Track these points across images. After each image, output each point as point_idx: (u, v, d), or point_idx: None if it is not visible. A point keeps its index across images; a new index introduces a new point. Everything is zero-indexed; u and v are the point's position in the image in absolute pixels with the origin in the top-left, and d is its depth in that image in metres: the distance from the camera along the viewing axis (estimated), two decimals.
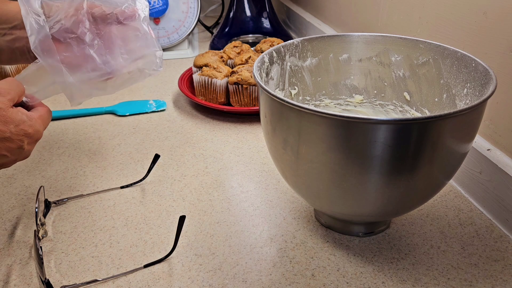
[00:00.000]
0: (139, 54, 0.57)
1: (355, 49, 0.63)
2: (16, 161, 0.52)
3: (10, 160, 0.50)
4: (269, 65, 0.58)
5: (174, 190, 0.66)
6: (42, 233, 0.57)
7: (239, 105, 0.86)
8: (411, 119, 0.43)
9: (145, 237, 0.57)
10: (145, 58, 0.57)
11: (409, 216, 0.60)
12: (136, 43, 0.56)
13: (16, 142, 0.49)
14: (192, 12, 1.16)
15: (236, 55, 0.96)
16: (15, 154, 0.50)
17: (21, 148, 0.50)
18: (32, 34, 0.51)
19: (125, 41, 0.56)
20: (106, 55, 0.55)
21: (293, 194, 0.64)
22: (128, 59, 0.56)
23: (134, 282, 0.51)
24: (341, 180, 0.46)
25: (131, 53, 0.56)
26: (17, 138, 0.49)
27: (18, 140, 0.49)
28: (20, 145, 0.49)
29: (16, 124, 0.48)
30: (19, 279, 0.51)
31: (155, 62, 0.58)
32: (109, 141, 0.79)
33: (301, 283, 0.50)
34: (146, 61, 0.58)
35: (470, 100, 0.53)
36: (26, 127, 0.49)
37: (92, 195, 0.65)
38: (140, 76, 0.58)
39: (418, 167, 0.45)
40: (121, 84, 0.59)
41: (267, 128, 0.51)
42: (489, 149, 0.60)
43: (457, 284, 0.50)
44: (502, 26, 0.56)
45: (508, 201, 0.56)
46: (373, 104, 0.65)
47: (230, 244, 0.56)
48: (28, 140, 0.50)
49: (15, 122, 0.48)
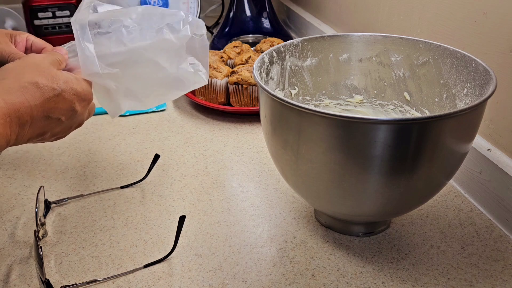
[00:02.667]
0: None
1: (355, 49, 0.63)
2: (71, 129, 0.52)
3: (65, 126, 0.51)
4: (269, 65, 0.58)
5: (174, 190, 0.66)
6: (42, 233, 0.57)
7: (239, 105, 0.86)
8: (411, 119, 0.43)
9: (145, 237, 0.57)
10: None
11: (409, 216, 0.60)
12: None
13: (67, 101, 0.48)
14: (192, 12, 1.16)
15: (236, 55, 0.96)
16: (69, 118, 0.50)
17: (73, 110, 0.50)
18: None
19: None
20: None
21: (293, 194, 0.64)
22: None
23: (134, 282, 0.51)
24: (341, 180, 0.46)
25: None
26: (68, 96, 0.48)
27: (69, 99, 0.49)
28: (71, 105, 0.49)
29: (64, 81, 0.48)
30: (19, 279, 0.51)
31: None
32: (109, 141, 0.79)
33: (301, 283, 0.50)
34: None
35: (470, 100, 0.53)
36: (75, 85, 0.49)
37: (92, 195, 0.65)
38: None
39: (418, 167, 0.45)
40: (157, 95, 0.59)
41: (267, 128, 0.51)
42: (489, 149, 0.60)
43: (457, 284, 0.50)
44: (502, 26, 0.56)
45: (508, 201, 0.56)
46: (373, 104, 0.65)
47: (230, 244, 0.56)
48: (78, 99, 0.50)
49: (63, 78, 0.48)
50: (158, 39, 0.55)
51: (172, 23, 0.56)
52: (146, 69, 0.56)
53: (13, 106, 0.44)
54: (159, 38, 0.56)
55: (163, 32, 0.56)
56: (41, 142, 0.52)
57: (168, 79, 0.58)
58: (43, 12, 1.17)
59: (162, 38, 0.56)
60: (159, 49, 0.56)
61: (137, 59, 0.55)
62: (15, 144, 0.46)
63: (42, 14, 1.17)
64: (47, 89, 0.46)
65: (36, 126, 0.47)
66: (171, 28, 0.56)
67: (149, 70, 0.56)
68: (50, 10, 1.18)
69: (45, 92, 0.46)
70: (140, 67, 0.56)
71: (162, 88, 0.59)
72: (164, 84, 0.58)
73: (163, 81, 0.58)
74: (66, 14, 1.19)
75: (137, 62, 0.55)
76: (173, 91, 0.60)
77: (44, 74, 0.47)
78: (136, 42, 0.55)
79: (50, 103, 0.47)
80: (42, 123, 0.47)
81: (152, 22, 0.56)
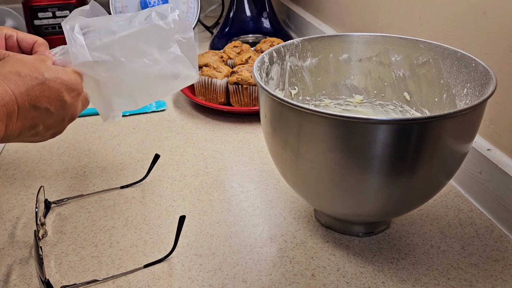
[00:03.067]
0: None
1: (355, 49, 0.63)
2: (65, 122, 0.52)
3: (57, 118, 0.50)
4: (269, 65, 0.58)
5: (174, 190, 0.66)
6: (42, 233, 0.57)
7: (239, 105, 0.86)
8: (411, 119, 0.43)
9: (145, 237, 0.57)
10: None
11: (409, 216, 0.60)
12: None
13: (54, 90, 0.48)
14: (192, 12, 1.16)
15: (236, 55, 0.96)
16: (58, 108, 0.49)
17: (62, 100, 0.49)
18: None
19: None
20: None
21: (293, 194, 0.64)
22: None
23: (134, 282, 0.51)
24: (341, 180, 0.46)
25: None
26: (54, 85, 0.48)
27: (55, 87, 0.48)
28: (59, 95, 0.49)
29: (47, 70, 0.48)
30: (19, 279, 0.51)
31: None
32: (109, 141, 0.79)
33: (301, 283, 0.50)
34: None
35: (470, 100, 0.53)
36: (60, 74, 0.49)
37: (92, 195, 0.65)
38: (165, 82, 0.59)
39: (418, 167, 0.45)
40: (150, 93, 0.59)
41: (267, 128, 0.51)
42: (489, 149, 0.60)
43: (457, 284, 0.50)
44: (502, 26, 0.56)
45: (508, 201, 0.56)
46: (373, 104, 0.65)
47: (230, 244, 0.56)
48: (66, 89, 0.50)
49: (46, 68, 0.48)
50: (147, 25, 0.56)
51: (160, 11, 0.57)
52: (137, 60, 0.56)
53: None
54: (148, 24, 0.56)
55: (151, 18, 0.56)
56: (37, 137, 0.51)
57: (160, 72, 0.57)
58: (43, 12, 1.17)
59: (151, 24, 0.56)
60: (149, 35, 0.56)
61: (128, 48, 0.55)
62: (7, 137, 0.46)
63: (42, 14, 1.17)
64: (29, 78, 0.46)
65: (24, 116, 0.47)
66: (159, 14, 0.56)
67: (140, 61, 0.56)
68: (50, 10, 1.18)
69: (27, 81, 0.46)
70: (130, 57, 0.56)
71: (154, 83, 0.59)
72: (156, 78, 0.58)
73: (155, 74, 0.57)
74: (66, 14, 1.19)
75: (127, 51, 0.55)
76: (165, 87, 0.60)
77: (26, 65, 0.47)
78: (125, 30, 0.55)
79: (35, 92, 0.46)
80: (30, 114, 0.47)
81: (139, 17, 0.57)
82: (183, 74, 0.59)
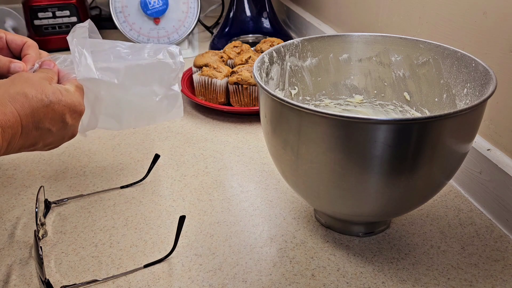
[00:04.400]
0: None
1: (355, 49, 0.63)
2: (64, 140, 0.53)
3: (57, 137, 0.51)
4: (269, 65, 0.58)
5: (174, 190, 0.66)
6: (42, 233, 0.57)
7: (239, 105, 0.86)
8: (411, 119, 0.43)
9: (145, 237, 0.57)
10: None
11: (409, 216, 0.60)
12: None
13: (57, 112, 0.49)
14: (192, 12, 1.16)
15: (236, 55, 0.96)
16: (60, 129, 0.50)
17: (64, 122, 0.50)
18: None
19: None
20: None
21: (293, 194, 0.64)
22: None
23: (134, 282, 0.51)
24: (341, 180, 0.46)
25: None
26: (58, 108, 0.49)
27: (59, 110, 0.49)
28: (61, 117, 0.50)
29: (53, 92, 0.49)
30: (19, 279, 0.51)
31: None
32: (109, 141, 0.79)
33: (301, 283, 0.50)
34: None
35: (470, 100, 0.53)
36: (65, 96, 0.50)
37: (92, 195, 0.65)
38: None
39: (418, 167, 0.45)
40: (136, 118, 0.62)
41: (267, 128, 0.51)
42: (489, 149, 0.60)
43: (457, 284, 0.50)
44: (502, 26, 0.56)
45: (508, 201, 0.56)
46: (373, 104, 0.65)
47: (230, 244, 0.56)
48: (69, 111, 0.50)
49: (52, 90, 0.49)
50: (157, 61, 0.59)
51: (171, 50, 0.60)
52: (139, 88, 0.59)
53: (3, 117, 0.44)
54: (158, 59, 0.59)
55: (162, 55, 0.59)
56: (33, 151, 0.52)
57: (155, 104, 0.61)
58: (43, 12, 1.17)
59: (161, 60, 0.59)
60: (156, 69, 0.59)
61: (134, 76, 0.58)
62: (5, 153, 0.47)
63: (42, 14, 1.17)
64: (35, 100, 0.47)
65: (26, 136, 0.48)
66: (169, 53, 0.60)
67: (142, 89, 0.59)
68: (50, 10, 1.18)
69: (33, 103, 0.47)
70: (134, 84, 0.58)
71: (144, 112, 0.62)
72: (149, 108, 0.61)
73: (149, 104, 0.60)
74: (66, 14, 1.19)
75: (132, 79, 0.58)
76: (151, 118, 0.63)
77: (34, 86, 0.48)
78: (135, 58, 0.58)
79: (39, 114, 0.47)
80: (32, 134, 0.48)
81: (148, 49, 0.60)
82: (173, 111, 0.63)
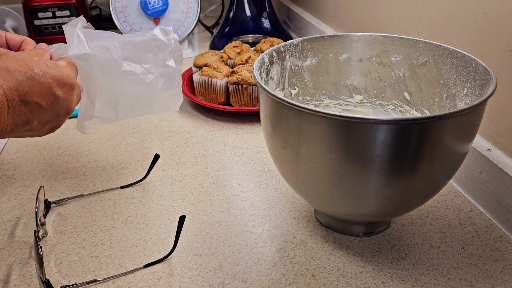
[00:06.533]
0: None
1: (355, 49, 0.63)
2: (60, 117, 0.51)
3: (51, 113, 0.50)
4: (269, 65, 0.58)
5: (174, 190, 0.66)
6: (42, 233, 0.57)
7: (239, 105, 0.86)
8: (411, 119, 0.43)
9: (145, 237, 0.57)
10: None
11: (409, 216, 0.60)
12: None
13: (44, 85, 0.48)
14: (192, 12, 1.16)
15: (236, 55, 0.96)
16: (51, 104, 0.49)
17: (54, 95, 0.49)
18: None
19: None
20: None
21: (293, 194, 0.64)
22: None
23: (134, 282, 0.51)
24: (341, 180, 0.46)
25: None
26: (44, 80, 0.48)
27: (45, 82, 0.48)
28: (50, 90, 0.48)
29: (37, 65, 0.48)
30: (19, 279, 0.51)
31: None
32: (109, 141, 0.79)
33: (301, 283, 0.50)
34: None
35: (470, 100, 0.53)
36: (51, 69, 0.49)
37: (92, 195, 0.65)
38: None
39: (418, 167, 0.45)
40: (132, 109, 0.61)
41: (267, 128, 0.51)
42: (489, 149, 0.60)
43: (457, 284, 0.50)
44: (502, 26, 0.56)
45: (508, 201, 0.56)
46: (373, 104, 0.65)
47: (230, 244, 0.56)
48: (57, 84, 0.49)
49: (36, 63, 0.48)
50: (149, 37, 0.58)
51: (164, 28, 0.60)
52: (133, 64, 0.58)
53: None
54: (151, 36, 0.58)
55: (155, 31, 0.59)
56: (33, 132, 0.51)
57: (151, 83, 0.60)
58: (43, 12, 1.17)
59: (153, 37, 0.58)
60: (149, 46, 0.58)
61: (127, 52, 0.57)
62: (1, 132, 0.46)
63: (42, 14, 1.17)
64: (18, 73, 0.46)
65: (15, 112, 0.47)
66: (163, 31, 0.59)
67: (136, 66, 0.58)
68: (50, 10, 1.18)
69: (16, 76, 0.46)
70: (127, 60, 0.57)
71: (140, 96, 0.61)
72: (145, 88, 0.60)
73: (145, 84, 0.59)
74: (66, 14, 1.19)
75: (126, 55, 0.57)
76: (149, 107, 0.62)
77: (17, 60, 0.47)
78: (128, 37, 0.58)
79: (24, 87, 0.46)
80: (21, 109, 0.47)
81: (142, 34, 0.60)
82: (171, 92, 0.61)
